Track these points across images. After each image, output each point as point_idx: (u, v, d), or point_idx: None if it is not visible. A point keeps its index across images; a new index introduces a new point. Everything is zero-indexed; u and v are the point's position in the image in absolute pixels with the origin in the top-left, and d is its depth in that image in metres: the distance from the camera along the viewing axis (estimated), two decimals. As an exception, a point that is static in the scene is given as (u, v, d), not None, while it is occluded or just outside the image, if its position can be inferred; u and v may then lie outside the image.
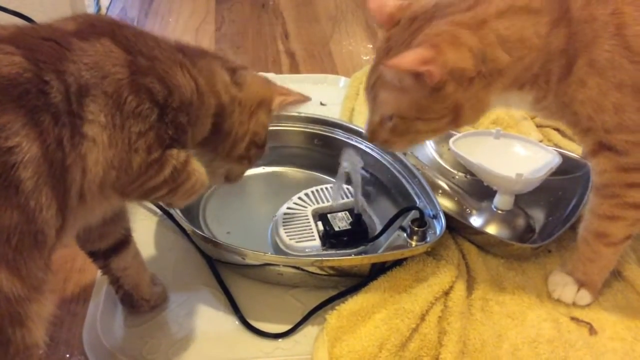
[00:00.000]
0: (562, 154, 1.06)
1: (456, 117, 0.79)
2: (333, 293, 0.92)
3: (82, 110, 0.59)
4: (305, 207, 1.05)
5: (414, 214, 0.98)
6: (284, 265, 0.92)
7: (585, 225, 0.90)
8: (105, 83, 0.61)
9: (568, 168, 1.07)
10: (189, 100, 0.68)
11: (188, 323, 0.89)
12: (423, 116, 0.79)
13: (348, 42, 1.81)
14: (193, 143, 0.73)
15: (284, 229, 0.99)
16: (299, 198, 1.07)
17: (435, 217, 0.98)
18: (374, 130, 0.86)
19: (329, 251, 0.99)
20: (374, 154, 1.12)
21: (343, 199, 1.06)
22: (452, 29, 0.74)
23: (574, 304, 0.93)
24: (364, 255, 0.97)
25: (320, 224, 1.02)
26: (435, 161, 1.21)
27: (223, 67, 0.77)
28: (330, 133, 1.18)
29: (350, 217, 1.03)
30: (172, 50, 0.70)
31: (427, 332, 0.85)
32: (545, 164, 1.04)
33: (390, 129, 0.83)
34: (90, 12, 1.80)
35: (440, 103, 0.77)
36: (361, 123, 1.18)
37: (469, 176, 1.17)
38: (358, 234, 1.01)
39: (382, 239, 1.01)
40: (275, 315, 0.91)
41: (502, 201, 1.06)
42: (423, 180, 1.05)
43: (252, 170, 1.17)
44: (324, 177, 1.17)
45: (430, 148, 1.22)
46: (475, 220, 1.08)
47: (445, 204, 1.14)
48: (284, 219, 1.02)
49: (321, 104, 1.41)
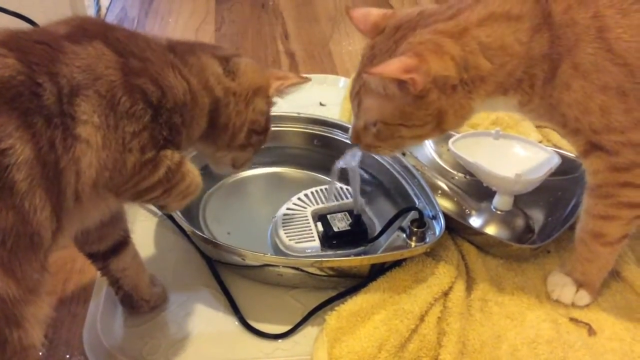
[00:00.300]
0: (561, 155, 1.06)
1: (439, 124, 0.80)
2: (332, 294, 0.93)
3: (74, 110, 0.59)
4: (305, 208, 1.05)
5: (413, 215, 0.98)
6: (283, 266, 0.92)
7: (581, 225, 0.90)
8: (98, 84, 0.61)
9: (567, 168, 1.07)
10: (182, 101, 0.68)
11: (188, 324, 0.90)
12: (407, 123, 0.80)
13: (348, 43, 1.81)
14: (190, 142, 0.73)
15: (284, 230, 1.00)
16: (299, 199, 1.07)
17: (434, 218, 0.98)
18: (358, 135, 0.87)
19: (329, 252, 0.99)
20: (374, 154, 1.12)
21: (342, 199, 1.06)
22: (435, 38, 0.76)
23: (573, 305, 0.93)
24: (364, 256, 0.97)
25: (319, 224, 1.02)
26: (435, 162, 1.21)
27: (214, 57, 0.76)
28: (330, 133, 1.19)
29: (349, 218, 1.03)
30: (163, 51, 0.70)
31: (427, 333, 0.85)
32: (545, 165, 1.04)
33: (374, 135, 0.84)
34: (90, 13, 1.80)
35: (424, 110, 0.78)
36: (361, 124, 1.18)
37: (468, 177, 1.17)
38: (357, 234, 1.02)
39: (382, 239, 1.01)
40: (275, 316, 0.91)
41: (502, 202, 1.06)
42: (422, 181, 1.05)
43: (252, 171, 1.18)
44: (324, 178, 1.17)
45: (429, 149, 1.22)
46: (475, 221, 1.09)
47: (445, 204, 1.14)
48: (283, 219, 1.02)
49: (321, 104, 1.42)
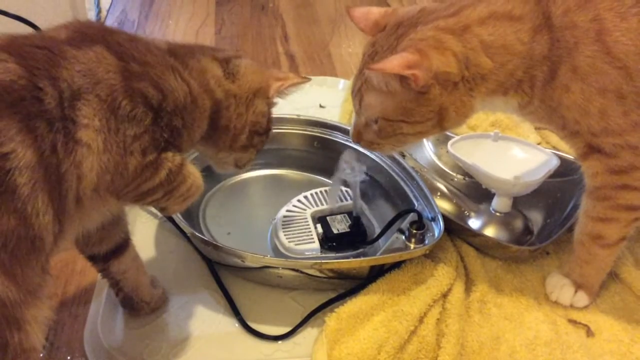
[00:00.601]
0: (560, 157, 1.07)
1: (441, 120, 0.81)
2: (332, 295, 0.93)
3: (75, 114, 0.60)
4: (305, 210, 1.05)
5: (412, 217, 0.98)
6: (283, 268, 0.93)
7: (580, 227, 0.90)
8: (98, 88, 0.61)
9: (566, 170, 1.07)
10: (182, 104, 0.68)
11: (188, 325, 0.90)
12: (408, 119, 0.81)
13: (347, 45, 1.81)
14: (191, 144, 0.73)
15: (284, 232, 1.00)
16: (298, 201, 1.07)
17: (433, 220, 0.99)
18: (359, 132, 0.88)
19: (328, 254, 1.00)
20: (373, 156, 1.13)
21: (342, 201, 1.06)
22: (437, 34, 0.76)
23: (572, 306, 0.94)
24: (363, 258, 0.97)
25: (319, 226, 1.03)
26: (434, 164, 1.21)
27: (215, 60, 0.77)
28: (330, 135, 1.19)
29: (349, 220, 1.03)
30: (164, 55, 0.70)
31: (426, 335, 0.85)
32: (543, 167, 1.04)
33: (376, 132, 0.85)
34: (90, 15, 1.81)
35: (425, 106, 0.78)
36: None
37: (467, 179, 1.18)
38: (357, 236, 1.02)
39: (381, 241, 1.01)
40: (275, 318, 0.91)
41: (500, 203, 1.06)
42: (422, 183, 1.05)
43: (252, 173, 1.18)
44: (324, 180, 1.17)
45: (428, 150, 1.22)
46: (474, 223, 1.09)
47: (444, 206, 1.14)
48: (283, 221, 1.02)
49: (320, 106, 1.42)
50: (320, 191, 1.09)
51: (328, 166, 1.04)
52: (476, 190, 1.13)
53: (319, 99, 1.43)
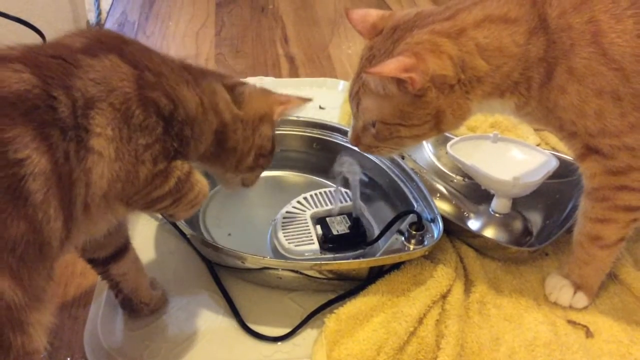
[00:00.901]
0: (559, 158, 1.07)
1: (438, 123, 0.81)
2: (332, 296, 0.93)
3: (89, 123, 0.61)
4: (304, 211, 1.05)
5: (411, 218, 0.99)
6: (283, 269, 0.93)
7: (579, 228, 0.91)
8: (112, 96, 0.62)
9: (565, 172, 1.07)
10: (193, 114, 0.70)
11: (188, 326, 0.90)
12: (405, 122, 0.81)
13: (347, 46, 1.81)
14: (195, 155, 0.75)
15: (283, 233, 1.00)
16: (298, 202, 1.07)
17: (433, 221, 0.99)
18: (357, 136, 0.88)
19: (328, 255, 1.00)
20: (373, 158, 1.13)
21: (342, 202, 1.06)
22: (432, 38, 0.77)
23: (571, 307, 0.94)
24: (362, 259, 0.98)
25: (319, 227, 1.03)
26: (433, 165, 1.21)
27: (223, 85, 0.78)
28: (329, 137, 1.19)
29: (348, 221, 1.03)
30: (178, 68, 0.72)
31: (425, 336, 0.85)
32: (543, 168, 1.04)
33: (374, 135, 0.85)
34: (90, 17, 1.81)
35: (422, 109, 0.79)
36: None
37: (466, 180, 1.18)
38: (356, 237, 1.02)
39: (380, 242, 1.01)
40: (275, 319, 0.91)
41: (500, 205, 1.07)
42: (421, 184, 1.06)
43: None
44: (323, 181, 1.17)
45: (428, 152, 1.23)
46: (473, 224, 1.09)
47: (443, 207, 1.14)
48: (283, 222, 1.02)
49: (320, 107, 1.42)
50: (320, 192, 1.10)
51: (327, 167, 1.04)
52: (475, 192, 1.13)
53: (319, 101, 1.43)
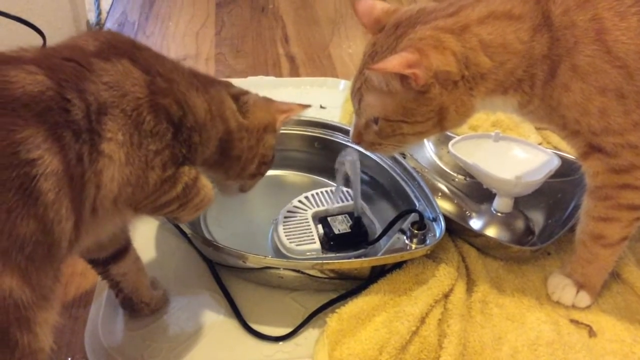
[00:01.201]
0: (561, 157, 1.06)
1: (441, 120, 0.81)
2: (333, 296, 0.93)
3: (101, 128, 0.61)
4: (306, 210, 1.05)
5: (413, 217, 0.98)
6: (284, 269, 0.92)
7: (581, 227, 0.90)
8: (124, 101, 0.63)
9: (567, 170, 1.07)
10: (202, 121, 0.71)
11: (189, 326, 0.90)
12: (408, 119, 0.81)
13: (348, 45, 1.81)
14: (200, 161, 0.75)
15: (285, 232, 1.00)
16: (299, 201, 1.07)
17: (434, 220, 0.98)
18: (359, 133, 0.88)
19: (329, 254, 0.99)
20: (374, 156, 1.12)
21: (343, 202, 1.06)
22: (436, 34, 0.76)
23: (574, 306, 0.93)
24: (364, 258, 0.97)
25: (320, 227, 1.02)
26: (435, 164, 1.21)
27: (228, 94, 0.79)
28: (330, 136, 1.19)
29: (350, 220, 1.03)
30: (188, 74, 0.73)
31: (427, 335, 0.85)
32: (545, 167, 1.04)
33: (376, 132, 0.85)
34: (90, 17, 1.81)
35: (426, 106, 0.79)
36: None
37: (468, 179, 1.17)
38: (358, 236, 1.02)
39: (382, 241, 1.01)
40: (276, 318, 0.91)
41: (502, 204, 1.06)
42: (423, 183, 1.05)
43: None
44: (324, 180, 1.17)
45: (429, 151, 1.22)
46: (475, 223, 1.09)
47: (445, 206, 1.14)
48: (284, 222, 1.02)
49: (321, 107, 1.42)
50: (321, 192, 1.09)
51: (329, 167, 1.04)
52: (477, 191, 1.13)
53: (320, 100, 1.43)
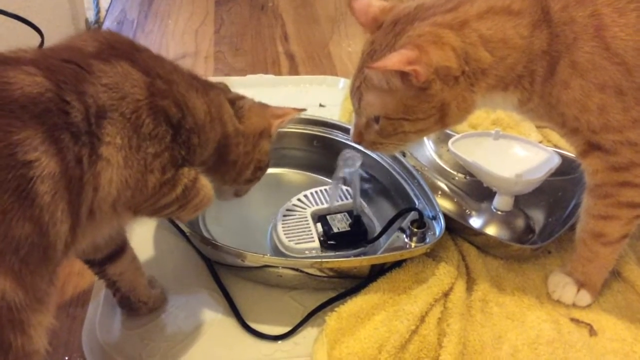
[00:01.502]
0: (562, 155, 1.06)
1: (443, 116, 0.80)
2: (332, 295, 0.92)
3: (100, 132, 0.61)
4: (305, 209, 1.05)
5: (413, 215, 0.98)
6: (283, 267, 0.92)
7: (581, 225, 0.90)
8: (123, 104, 0.63)
9: (568, 169, 1.06)
10: (202, 122, 0.70)
11: (187, 325, 0.89)
12: (410, 116, 0.80)
13: (347, 44, 1.81)
14: (197, 163, 0.75)
15: (283, 231, 0.99)
16: (298, 199, 1.07)
17: (434, 218, 0.98)
18: (360, 133, 0.87)
19: (328, 253, 0.99)
20: (374, 155, 1.12)
21: (342, 200, 1.06)
22: (434, 30, 0.76)
23: (574, 305, 0.93)
24: (363, 257, 0.97)
25: (319, 225, 1.02)
26: (435, 162, 1.21)
27: (226, 99, 0.79)
28: (330, 134, 1.18)
29: (349, 219, 1.03)
30: (188, 76, 0.72)
31: (427, 334, 0.85)
32: (545, 165, 1.03)
33: (377, 131, 0.84)
34: (89, 15, 1.80)
35: (427, 102, 0.78)
36: (360, 124, 1.18)
37: (468, 177, 1.17)
38: (357, 235, 1.01)
39: (382, 240, 1.01)
40: (275, 317, 0.91)
41: (502, 202, 1.06)
42: (422, 182, 1.05)
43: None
44: (323, 179, 1.17)
45: (429, 149, 1.22)
46: (475, 221, 1.08)
47: (445, 205, 1.14)
48: (283, 220, 1.02)
49: (320, 105, 1.41)
50: (320, 190, 1.09)
51: (328, 165, 1.04)
52: (477, 189, 1.12)
53: (319, 98, 1.43)
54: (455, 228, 1.02)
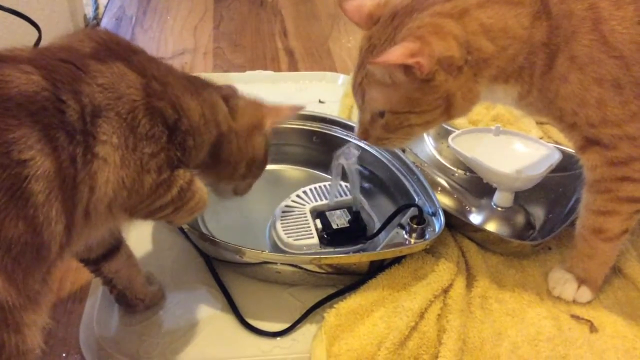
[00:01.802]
0: (562, 151, 1.05)
1: (448, 107, 0.79)
2: (331, 291, 0.92)
3: (96, 130, 0.61)
4: (304, 205, 1.04)
5: (412, 212, 0.98)
6: (282, 264, 0.92)
7: (581, 221, 0.89)
8: (119, 104, 0.62)
9: (568, 165, 1.06)
10: (196, 124, 0.70)
11: (185, 322, 0.89)
12: (415, 109, 0.79)
13: (347, 40, 1.80)
14: (193, 164, 0.74)
15: (282, 227, 0.99)
16: (297, 196, 1.06)
17: (434, 215, 0.97)
18: (365, 129, 0.86)
19: (327, 249, 0.99)
20: (373, 151, 1.12)
21: (341, 196, 1.05)
22: (435, 20, 0.75)
23: (575, 302, 0.93)
24: (363, 253, 0.96)
25: (318, 221, 1.02)
26: (435, 158, 1.20)
27: (220, 97, 0.79)
28: (329, 130, 1.18)
29: (348, 215, 1.02)
30: (182, 78, 0.72)
31: (427, 330, 0.84)
32: (545, 161, 1.03)
33: (383, 126, 0.83)
34: (88, 11, 1.79)
35: (432, 94, 0.77)
36: (360, 120, 1.18)
37: (468, 173, 1.16)
38: (356, 231, 1.01)
39: (381, 236, 1.00)
40: (274, 314, 0.90)
41: (502, 198, 1.05)
42: (422, 178, 1.04)
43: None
44: (322, 175, 1.16)
45: (429, 145, 1.21)
46: (475, 218, 1.08)
47: (445, 201, 1.13)
48: (282, 216, 1.01)
49: (320, 101, 1.41)
50: (319, 186, 1.08)
51: (327, 161, 1.03)
52: (477, 185, 1.12)
53: (318, 95, 1.42)
54: (455, 224, 1.02)
